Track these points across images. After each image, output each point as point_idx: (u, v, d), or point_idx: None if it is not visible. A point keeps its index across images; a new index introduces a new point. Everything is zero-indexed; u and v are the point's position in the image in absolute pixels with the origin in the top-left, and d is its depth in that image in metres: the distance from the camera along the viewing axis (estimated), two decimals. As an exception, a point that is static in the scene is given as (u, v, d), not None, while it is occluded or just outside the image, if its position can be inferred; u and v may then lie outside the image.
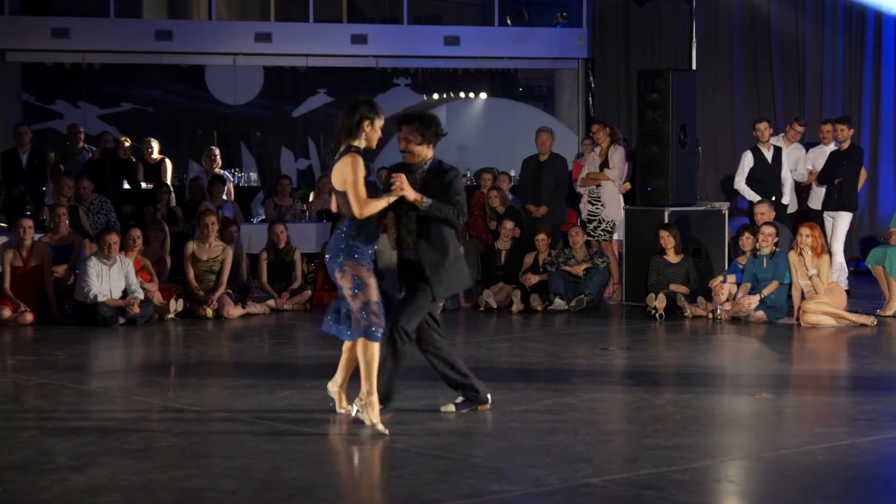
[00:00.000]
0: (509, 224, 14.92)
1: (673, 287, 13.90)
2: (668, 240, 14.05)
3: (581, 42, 21.37)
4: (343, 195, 7.87)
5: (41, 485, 6.66)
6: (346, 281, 7.87)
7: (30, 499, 6.38)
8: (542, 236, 14.81)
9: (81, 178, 15.38)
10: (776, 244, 13.41)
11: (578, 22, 21.46)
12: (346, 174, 7.82)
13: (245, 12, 22.52)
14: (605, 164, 15.45)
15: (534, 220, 15.47)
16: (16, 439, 7.80)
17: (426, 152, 8.13)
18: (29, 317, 13.36)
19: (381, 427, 7.70)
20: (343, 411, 8.16)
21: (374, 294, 7.82)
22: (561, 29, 21.59)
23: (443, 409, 8.40)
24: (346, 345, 8.09)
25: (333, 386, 8.26)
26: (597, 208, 15.45)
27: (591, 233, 15.45)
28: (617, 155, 15.37)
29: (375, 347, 7.80)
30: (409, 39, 21.20)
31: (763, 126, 15.34)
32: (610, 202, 15.30)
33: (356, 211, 7.80)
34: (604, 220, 15.39)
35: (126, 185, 16.78)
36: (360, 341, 7.80)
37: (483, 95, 23.04)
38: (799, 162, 15.67)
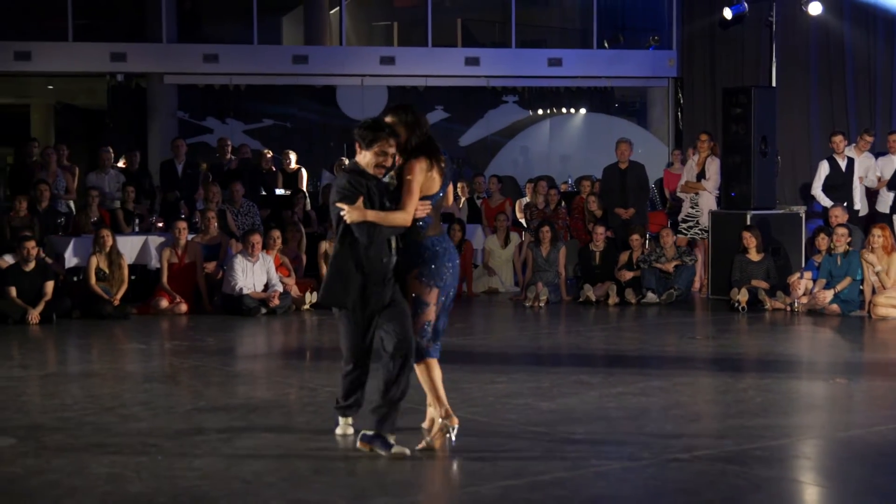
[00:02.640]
0: (600, 229, 14.92)
1: (755, 283, 13.75)
2: (750, 240, 13.92)
3: (671, 63, 21.23)
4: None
5: (195, 454, 6.75)
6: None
7: (185, 466, 6.47)
8: (635, 237, 14.76)
9: (234, 183, 15.58)
10: (849, 244, 13.23)
11: (669, 44, 21.32)
12: None
13: (371, 39, 22.68)
14: (701, 174, 15.36)
15: (622, 222, 15.41)
16: (173, 414, 7.94)
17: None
18: (183, 307, 13.56)
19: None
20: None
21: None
22: (653, 51, 21.48)
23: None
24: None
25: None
26: (696, 211, 15.41)
27: (685, 231, 15.40)
28: (714, 166, 15.26)
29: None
30: (517, 61, 21.23)
31: (839, 139, 15.22)
32: (707, 208, 15.22)
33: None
34: (700, 223, 15.32)
35: (263, 192, 16.97)
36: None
37: (583, 111, 22.97)
38: (869, 170, 15.44)
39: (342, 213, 6.61)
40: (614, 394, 8.46)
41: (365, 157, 6.71)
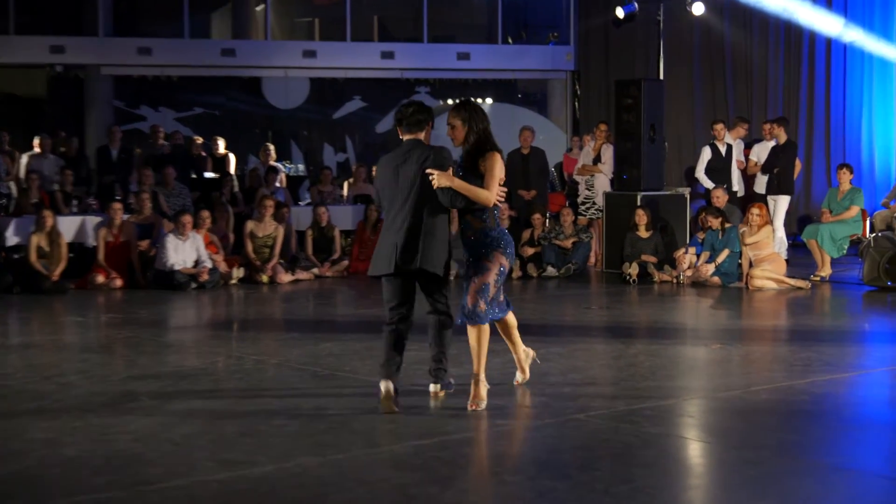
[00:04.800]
0: (504, 206, 14.88)
1: (644, 257, 13.85)
2: (642, 217, 14.01)
3: (569, 57, 21.30)
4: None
5: (128, 419, 6.66)
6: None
7: (118, 430, 6.37)
8: (537, 216, 14.82)
9: (166, 167, 15.39)
10: (727, 219, 13.42)
11: (567, 40, 21.39)
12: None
13: (294, 33, 22.45)
14: (597, 159, 15.46)
15: (525, 202, 15.44)
16: (107, 382, 7.81)
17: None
18: (118, 282, 13.37)
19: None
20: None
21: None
22: (552, 46, 21.53)
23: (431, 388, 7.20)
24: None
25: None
26: (591, 193, 15.49)
27: (584, 212, 15.49)
28: (608, 152, 15.37)
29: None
30: (429, 55, 21.17)
31: (720, 126, 15.38)
32: (601, 190, 15.30)
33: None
34: (596, 203, 15.39)
35: (193, 175, 16.77)
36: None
37: (489, 101, 22.96)
38: (739, 153, 15.67)
39: (431, 178, 6.77)
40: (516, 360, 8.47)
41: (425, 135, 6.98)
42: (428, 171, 6.80)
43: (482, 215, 7.03)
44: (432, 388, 7.14)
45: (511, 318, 7.43)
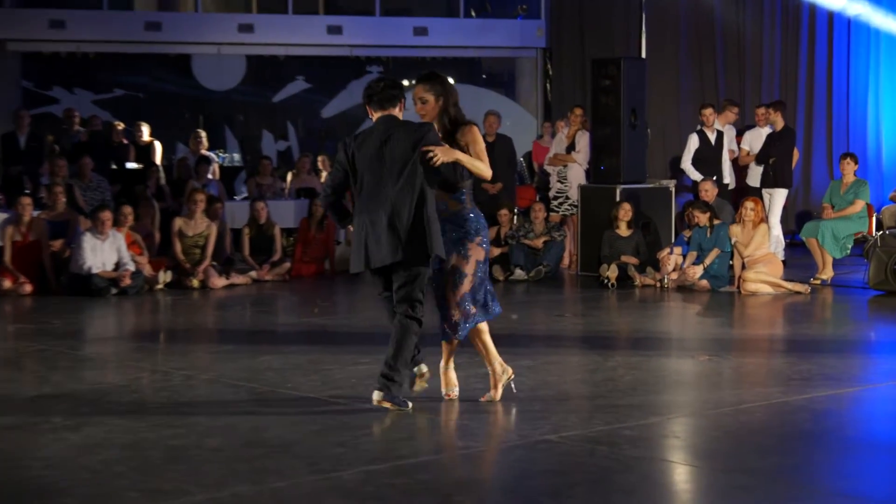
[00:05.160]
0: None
1: (624, 258, 13.92)
2: (626, 212, 14.06)
3: (539, 33, 21.35)
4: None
5: (40, 443, 6.62)
6: None
7: (28, 456, 6.33)
8: (503, 212, 14.85)
9: (83, 157, 15.31)
10: (717, 215, 13.49)
11: (537, 13, 21.44)
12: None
13: (229, 5, 22.36)
14: (571, 147, 15.52)
15: (489, 197, 15.43)
16: (16, 401, 7.76)
17: (373, 118, 7.37)
18: (28, 288, 13.28)
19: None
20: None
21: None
22: (521, 20, 21.57)
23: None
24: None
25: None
26: (565, 186, 15.55)
27: (557, 208, 15.55)
28: (584, 139, 15.42)
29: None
30: (382, 30, 21.15)
31: (709, 111, 15.45)
32: (576, 182, 15.34)
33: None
34: (570, 198, 15.44)
35: (114, 166, 16.69)
36: None
37: (450, 82, 22.97)
38: (732, 141, 15.76)
39: (431, 155, 7.03)
40: (481, 374, 8.47)
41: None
42: (427, 148, 7.07)
43: (460, 196, 7.35)
44: (376, 395, 7.21)
45: (482, 323, 7.54)
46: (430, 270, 7.31)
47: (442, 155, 7.07)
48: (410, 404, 7.28)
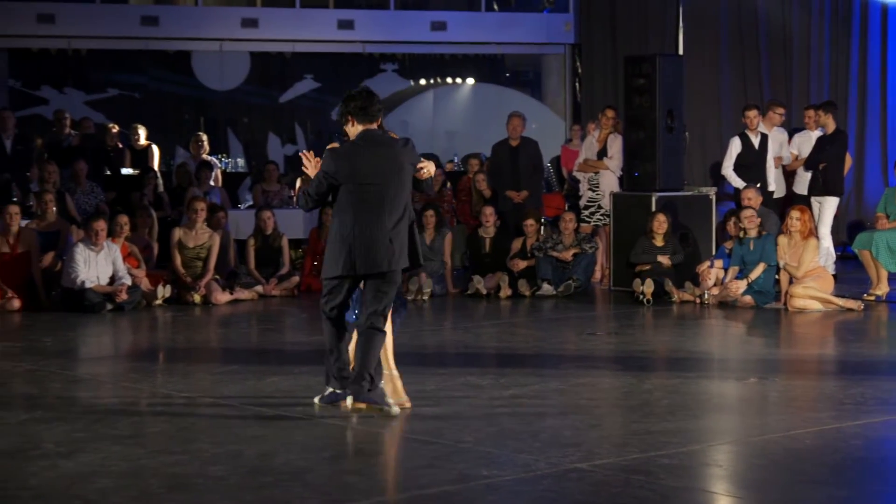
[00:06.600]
0: (489, 210, 14.97)
1: (659, 258, 13.89)
2: (661, 223, 14.05)
3: (568, 27, 21.35)
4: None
5: (30, 471, 6.65)
6: None
7: (19, 486, 6.36)
8: (530, 221, 14.83)
9: (76, 161, 15.35)
10: (761, 225, 13.46)
11: (565, 7, 21.44)
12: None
13: (232, -2, 22.46)
14: (603, 152, 15.52)
15: (514, 206, 15.46)
16: (4, 426, 7.79)
17: (350, 130, 8.03)
18: (16, 303, 13.32)
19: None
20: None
21: None
22: (548, 14, 21.57)
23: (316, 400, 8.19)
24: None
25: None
26: (596, 194, 15.55)
27: (588, 218, 15.54)
28: (616, 143, 15.41)
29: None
30: (396, 25, 21.18)
31: (753, 113, 15.35)
32: (608, 190, 15.33)
33: None
34: (602, 207, 15.45)
35: (108, 172, 16.73)
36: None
37: (470, 81, 23.01)
38: (782, 146, 15.70)
39: (423, 169, 8.02)
40: (507, 397, 8.51)
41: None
42: (422, 164, 8.02)
43: None
44: (349, 401, 7.85)
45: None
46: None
47: (428, 168, 8.05)
48: (396, 408, 7.82)
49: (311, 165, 8.03)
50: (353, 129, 7.97)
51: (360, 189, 7.85)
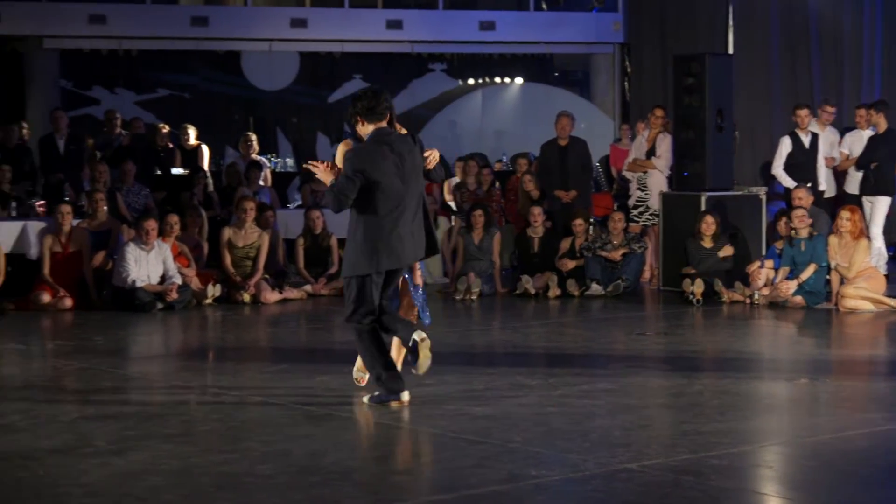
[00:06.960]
0: (537, 210, 14.95)
1: (718, 253, 13.82)
2: (710, 225, 13.98)
3: (617, 26, 21.34)
4: None
5: (81, 469, 6.69)
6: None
7: (71, 483, 6.41)
8: (578, 221, 14.81)
9: (125, 161, 15.45)
10: (812, 226, 13.38)
11: (614, 6, 21.43)
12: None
13: (281, -2, 22.56)
14: (651, 151, 15.48)
15: (563, 205, 15.44)
16: (56, 424, 7.85)
17: (361, 130, 8.16)
18: (68, 302, 13.42)
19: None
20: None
21: None
22: (597, 13, 21.57)
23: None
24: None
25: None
26: (645, 194, 15.53)
27: (637, 218, 15.51)
28: (665, 143, 15.36)
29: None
30: (445, 24, 21.22)
31: (803, 112, 15.31)
32: (657, 189, 15.28)
33: None
34: (650, 207, 15.41)
35: (158, 172, 16.83)
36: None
37: (519, 80, 23.02)
38: (833, 146, 15.62)
39: (429, 157, 8.20)
40: (556, 396, 8.50)
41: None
42: (427, 153, 8.22)
43: None
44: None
45: None
46: None
47: (434, 157, 8.25)
48: (399, 401, 8.06)
49: (323, 170, 8.09)
50: (364, 129, 8.12)
51: (383, 186, 7.96)
